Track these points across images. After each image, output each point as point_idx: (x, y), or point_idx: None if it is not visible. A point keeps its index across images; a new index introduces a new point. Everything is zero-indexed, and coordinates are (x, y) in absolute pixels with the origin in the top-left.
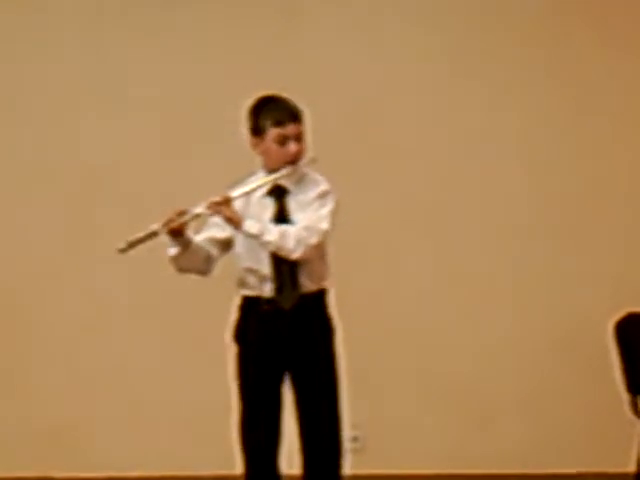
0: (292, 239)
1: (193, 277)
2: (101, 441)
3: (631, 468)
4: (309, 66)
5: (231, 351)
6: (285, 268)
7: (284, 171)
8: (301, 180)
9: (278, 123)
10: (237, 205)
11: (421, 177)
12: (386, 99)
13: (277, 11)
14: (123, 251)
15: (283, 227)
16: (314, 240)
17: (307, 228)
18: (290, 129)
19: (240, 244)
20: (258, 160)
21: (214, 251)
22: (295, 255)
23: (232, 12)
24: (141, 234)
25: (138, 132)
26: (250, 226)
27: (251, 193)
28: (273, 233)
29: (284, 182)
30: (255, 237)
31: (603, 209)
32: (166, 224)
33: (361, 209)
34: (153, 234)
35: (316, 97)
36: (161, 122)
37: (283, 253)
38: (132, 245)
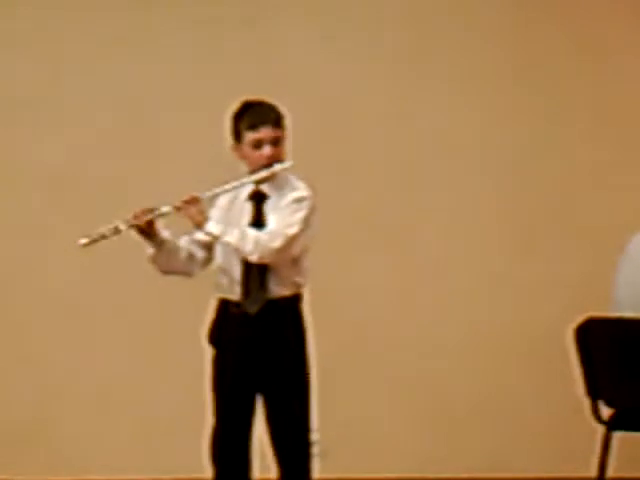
0: (250, 241)
1: (167, 276)
2: (67, 444)
3: (592, 473)
4: (279, 69)
5: (203, 352)
6: (254, 272)
7: (257, 174)
8: (281, 186)
9: (252, 127)
10: (220, 208)
11: (389, 178)
12: (353, 101)
13: (247, 15)
14: (85, 246)
15: (246, 230)
16: (276, 244)
17: (270, 232)
18: (264, 132)
19: (217, 245)
20: (227, 163)
21: (197, 251)
22: (253, 257)
23: (204, 15)
24: (104, 229)
25: (106, 132)
26: (212, 227)
27: (222, 194)
28: (233, 235)
29: (264, 187)
30: (216, 238)
31: (564, 214)
32: (130, 221)
33: (331, 210)
34: (116, 230)
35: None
36: (130, 123)
37: (243, 255)
38: (95, 240)
